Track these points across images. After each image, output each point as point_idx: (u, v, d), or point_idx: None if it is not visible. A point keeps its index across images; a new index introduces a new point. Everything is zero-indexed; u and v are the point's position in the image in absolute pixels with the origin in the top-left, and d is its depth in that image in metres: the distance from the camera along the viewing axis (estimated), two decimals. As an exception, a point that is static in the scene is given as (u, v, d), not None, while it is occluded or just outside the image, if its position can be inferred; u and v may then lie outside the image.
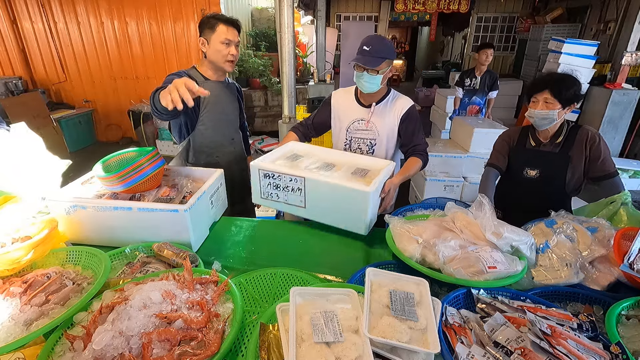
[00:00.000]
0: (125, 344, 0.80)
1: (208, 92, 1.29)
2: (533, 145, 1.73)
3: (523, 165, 1.74)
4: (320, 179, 1.41)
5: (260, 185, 1.53)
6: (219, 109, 1.90)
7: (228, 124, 1.99)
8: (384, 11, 8.04)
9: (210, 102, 1.85)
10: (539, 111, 1.57)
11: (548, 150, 1.69)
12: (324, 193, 1.42)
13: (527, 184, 1.73)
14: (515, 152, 1.78)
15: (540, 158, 1.70)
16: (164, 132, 5.56)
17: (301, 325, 0.85)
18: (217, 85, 1.88)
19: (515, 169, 1.77)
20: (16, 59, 5.79)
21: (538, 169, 1.70)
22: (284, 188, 1.48)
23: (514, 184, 1.78)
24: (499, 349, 0.80)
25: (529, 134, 1.76)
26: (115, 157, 1.54)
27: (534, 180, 1.71)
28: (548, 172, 1.69)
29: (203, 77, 1.85)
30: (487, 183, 1.79)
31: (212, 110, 1.88)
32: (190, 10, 5.31)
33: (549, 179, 1.69)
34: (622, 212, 1.42)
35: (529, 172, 1.72)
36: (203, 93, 1.24)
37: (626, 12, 5.00)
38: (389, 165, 1.59)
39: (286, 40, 2.80)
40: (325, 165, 1.59)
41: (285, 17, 2.74)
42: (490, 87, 4.09)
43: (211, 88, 1.74)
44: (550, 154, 1.68)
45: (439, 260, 1.08)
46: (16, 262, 1.07)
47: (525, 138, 1.77)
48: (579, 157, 1.63)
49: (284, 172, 1.46)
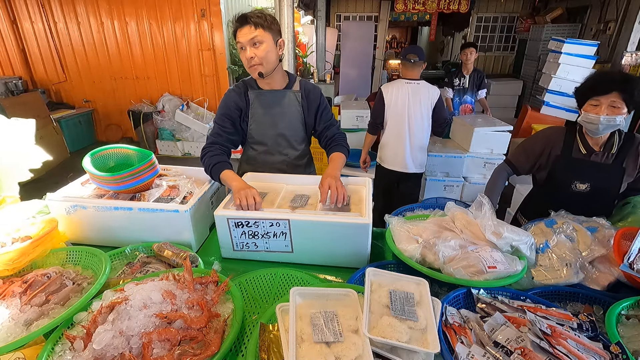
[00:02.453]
0: (126, 343, 0.80)
1: (260, 201, 1.31)
2: (583, 154, 1.50)
3: (572, 178, 1.52)
4: (308, 219, 1.25)
5: (232, 236, 1.29)
6: (268, 123, 1.66)
7: (279, 139, 1.69)
8: (384, 11, 8.04)
9: (259, 115, 1.64)
10: (606, 117, 1.34)
11: (600, 162, 1.48)
12: (314, 232, 1.25)
13: (574, 198, 1.52)
14: (559, 161, 1.54)
15: (592, 170, 1.49)
16: (164, 132, 5.56)
17: (301, 325, 0.85)
18: (270, 96, 1.63)
19: (562, 182, 1.54)
20: (16, 59, 5.80)
21: (589, 183, 1.49)
22: (264, 235, 1.28)
23: (559, 197, 1.53)
24: (499, 349, 0.80)
25: (578, 139, 1.51)
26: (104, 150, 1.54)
27: (583, 194, 1.51)
28: (600, 186, 1.49)
29: (257, 86, 1.63)
30: (496, 182, 1.69)
31: (260, 125, 1.66)
32: (190, 10, 5.31)
33: (600, 193, 1.50)
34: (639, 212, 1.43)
35: (579, 185, 1.51)
36: (257, 209, 1.29)
37: (626, 12, 5.00)
38: (366, 184, 1.50)
39: (286, 40, 2.80)
40: (299, 198, 1.43)
41: (285, 17, 2.75)
42: (479, 85, 4.13)
43: (260, 100, 1.62)
44: (602, 166, 1.47)
45: (439, 260, 1.08)
46: (16, 262, 1.07)
47: (571, 144, 1.52)
48: (632, 168, 1.46)
49: (261, 217, 1.25)
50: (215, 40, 5.45)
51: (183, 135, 5.53)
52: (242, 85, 1.64)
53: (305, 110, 1.68)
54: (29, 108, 4.81)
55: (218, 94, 5.84)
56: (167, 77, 5.81)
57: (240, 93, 1.63)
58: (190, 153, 5.59)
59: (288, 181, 1.59)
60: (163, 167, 1.64)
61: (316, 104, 1.68)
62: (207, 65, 5.65)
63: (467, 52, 4.02)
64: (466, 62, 4.06)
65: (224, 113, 1.62)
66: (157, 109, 5.62)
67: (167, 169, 1.67)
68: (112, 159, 1.56)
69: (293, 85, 1.66)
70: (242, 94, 1.62)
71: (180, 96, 5.82)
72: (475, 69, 4.14)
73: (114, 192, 1.42)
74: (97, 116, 6.17)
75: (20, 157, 1.51)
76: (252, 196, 1.29)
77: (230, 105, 1.62)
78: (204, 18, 5.32)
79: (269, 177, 1.62)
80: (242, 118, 1.66)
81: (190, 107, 5.74)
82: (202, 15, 5.31)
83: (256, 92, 1.62)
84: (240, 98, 1.62)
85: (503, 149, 3.38)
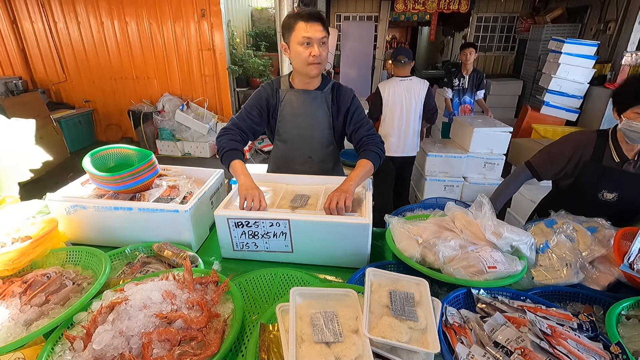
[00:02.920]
0: (126, 344, 0.80)
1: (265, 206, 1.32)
2: (616, 162, 1.43)
3: (600, 186, 1.46)
4: (308, 219, 1.25)
5: (232, 236, 1.30)
6: (295, 122, 1.65)
7: (304, 140, 1.68)
8: (384, 11, 8.04)
9: (287, 114, 1.64)
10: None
11: (632, 172, 1.42)
12: (314, 232, 1.25)
13: (600, 207, 1.46)
14: (588, 167, 1.47)
15: (623, 180, 1.43)
16: (164, 132, 5.56)
17: (301, 325, 0.85)
18: (300, 95, 1.62)
19: (589, 189, 1.48)
20: (16, 59, 5.80)
21: (617, 192, 1.44)
22: (264, 235, 1.28)
23: (584, 205, 1.46)
24: (499, 349, 0.80)
25: (611, 146, 1.44)
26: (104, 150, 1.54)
27: (609, 203, 1.46)
28: (629, 197, 1.44)
29: (290, 85, 1.63)
30: (509, 187, 1.61)
31: (287, 123, 1.66)
32: (190, 10, 5.31)
33: (627, 203, 1.45)
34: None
35: (606, 194, 1.45)
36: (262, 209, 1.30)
37: (626, 12, 5.00)
38: (366, 184, 1.49)
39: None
40: (300, 198, 1.43)
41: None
42: (478, 86, 4.13)
43: (291, 98, 1.62)
44: (634, 176, 1.42)
45: (439, 260, 1.08)
46: (16, 262, 1.07)
47: (602, 151, 1.45)
48: None
49: (261, 217, 1.25)
50: (215, 40, 5.45)
51: (183, 135, 5.53)
52: (275, 82, 1.66)
53: (334, 113, 1.65)
54: (29, 108, 4.81)
55: (218, 94, 5.84)
56: (167, 77, 5.82)
57: (272, 90, 1.64)
58: (190, 153, 5.59)
59: (288, 181, 1.58)
60: (163, 167, 1.64)
61: (346, 106, 1.64)
62: (207, 65, 5.65)
63: (466, 53, 4.03)
64: (466, 62, 4.07)
65: (254, 102, 1.63)
66: (157, 109, 5.63)
67: (167, 169, 1.67)
68: (112, 159, 1.56)
69: (325, 87, 1.63)
70: (274, 91, 1.64)
71: (180, 96, 5.83)
72: (474, 69, 4.14)
73: (114, 192, 1.42)
74: (97, 116, 6.18)
75: (21, 157, 1.52)
76: (259, 199, 1.30)
77: (262, 97, 1.63)
78: (204, 18, 5.32)
79: (269, 177, 1.62)
80: (271, 114, 1.66)
81: (190, 107, 5.74)
82: (202, 15, 5.31)
83: (287, 90, 1.62)
84: (272, 95, 1.63)
85: (503, 149, 3.38)
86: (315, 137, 1.68)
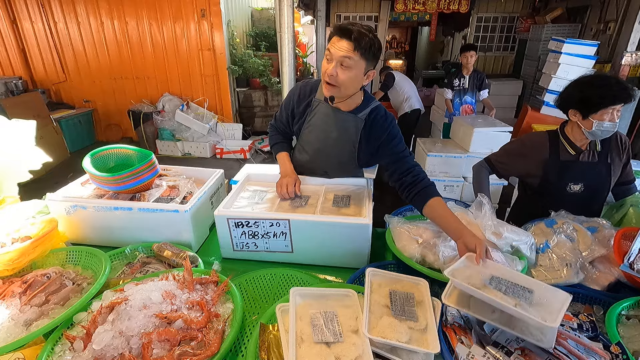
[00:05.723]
0: (125, 344, 0.80)
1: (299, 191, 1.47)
2: (572, 155, 1.55)
3: (566, 180, 1.56)
4: (308, 219, 1.25)
5: (232, 236, 1.29)
6: (317, 136, 1.52)
7: (323, 157, 1.56)
8: (384, 11, 8.03)
9: (313, 125, 1.51)
10: (612, 123, 1.41)
11: (588, 161, 1.54)
12: (314, 232, 1.25)
13: (570, 199, 1.57)
14: (551, 165, 1.57)
15: (583, 170, 1.55)
16: (164, 132, 5.56)
17: (301, 326, 0.85)
18: (331, 113, 1.46)
19: (557, 185, 1.58)
20: (16, 59, 5.79)
21: (582, 183, 1.55)
22: (264, 235, 1.28)
23: (556, 200, 1.53)
24: (499, 349, 0.80)
25: (564, 142, 1.56)
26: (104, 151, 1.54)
27: (578, 195, 1.57)
28: (592, 185, 1.55)
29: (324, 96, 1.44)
30: (483, 181, 1.73)
31: (310, 134, 1.54)
32: (190, 10, 5.31)
33: (593, 192, 1.57)
34: (631, 212, 1.46)
35: (573, 187, 1.56)
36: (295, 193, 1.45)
37: (626, 12, 5.00)
38: (366, 184, 1.50)
39: (286, 40, 2.80)
40: (300, 197, 1.45)
41: (285, 17, 2.75)
42: (479, 86, 4.13)
43: (321, 111, 1.48)
44: (591, 165, 1.54)
45: (439, 260, 1.08)
46: (16, 262, 1.07)
47: (557, 147, 1.57)
48: (617, 163, 1.54)
49: (261, 217, 1.25)
50: (215, 40, 5.45)
51: (183, 135, 5.53)
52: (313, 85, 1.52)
53: (362, 140, 1.47)
54: (29, 108, 4.81)
55: (218, 94, 5.84)
56: (167, 77, 5.82)
57: (307, 93, 1.52)
58: (190, 153, 5.58)
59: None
60: (163, 167, 1.64)
61: (381, 137, 1.43)
62: (207, 65, 5.65)
63: (467, 55, 4.00)
64: (466, 64, 4.06)
65: (284, 105, 1.59)
66: (157, 109, 5.63)
67: (167, 169, 1.67)
68: (112, 159, 1.56)
69: (362, 111, 1.44)
70: (308, 93, 1.51)
71: (180, 96, 5.83)
72: (475, 70, 4.14)
73: (114, 192, 1.42)
74: (97, 116, 6.17)
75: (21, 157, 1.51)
76: (286, 185, 1.43)
77: (292, 99, 1.55)
78: (204, 18, 5.32)
79: (269, 177, 1.62)
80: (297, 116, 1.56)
81: (190, 107, 5.74)
82: (202, 15, 5.31)
83: (321, 102, 1.47)
84: (306, 96, 1.52)
85: (503, 149, 3.38)
86: (333, 155, 1.55)
